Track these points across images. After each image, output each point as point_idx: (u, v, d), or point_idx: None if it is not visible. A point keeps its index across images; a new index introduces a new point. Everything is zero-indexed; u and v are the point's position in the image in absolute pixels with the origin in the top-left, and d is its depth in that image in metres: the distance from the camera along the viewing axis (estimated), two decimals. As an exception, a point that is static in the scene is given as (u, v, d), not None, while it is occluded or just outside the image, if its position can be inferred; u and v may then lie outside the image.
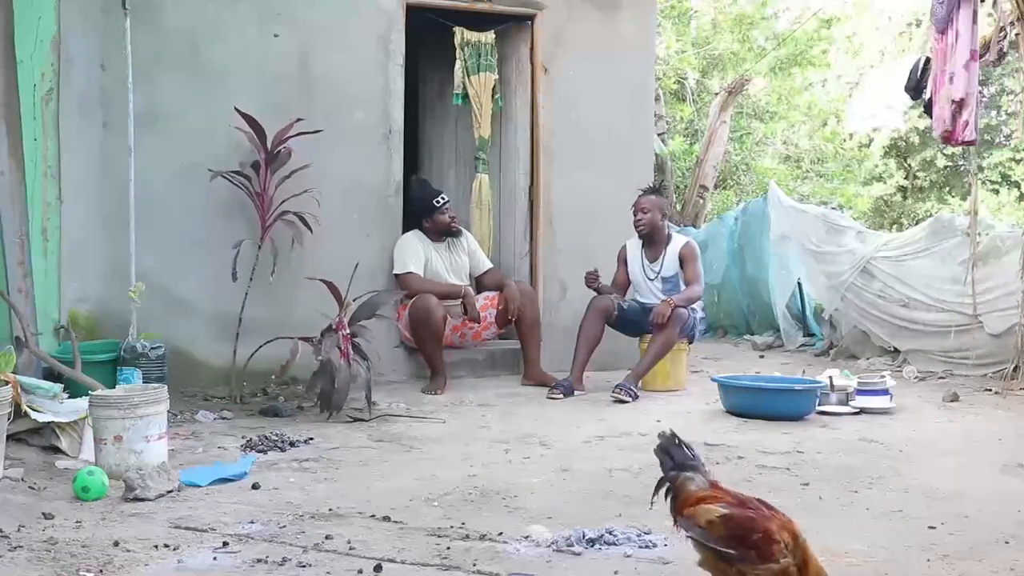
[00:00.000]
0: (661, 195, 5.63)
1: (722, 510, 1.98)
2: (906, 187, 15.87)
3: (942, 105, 5.56)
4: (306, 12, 5.46)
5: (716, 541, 1.94)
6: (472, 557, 2.46)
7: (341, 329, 4.49)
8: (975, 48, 5.47)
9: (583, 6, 6.17)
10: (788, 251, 7.93)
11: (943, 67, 5.54)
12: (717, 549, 1.94)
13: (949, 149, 14.80)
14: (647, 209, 5.50)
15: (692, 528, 2.00)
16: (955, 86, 5.46)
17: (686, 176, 13.64)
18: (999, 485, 3.33)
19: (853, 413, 4.68)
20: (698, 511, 2.01)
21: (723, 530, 1.94)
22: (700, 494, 2.05)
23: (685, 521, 2.03)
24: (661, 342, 5.23)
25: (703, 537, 1.97)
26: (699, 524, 1.98)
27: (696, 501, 2.04)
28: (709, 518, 1.97)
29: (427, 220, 5.57)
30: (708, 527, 1.96)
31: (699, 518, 1.99)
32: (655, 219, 5.50)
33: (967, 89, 5.45)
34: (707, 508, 2.00)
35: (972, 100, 5.47)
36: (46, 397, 3.61)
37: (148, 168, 4.94)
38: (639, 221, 5.52)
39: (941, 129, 5.61)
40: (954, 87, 5.46)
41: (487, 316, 5.61)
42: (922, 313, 6.35)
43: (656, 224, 5.51)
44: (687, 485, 2.08)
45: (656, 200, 5.53)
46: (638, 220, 5.53)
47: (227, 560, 2.43)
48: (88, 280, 5.00)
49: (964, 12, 5.44)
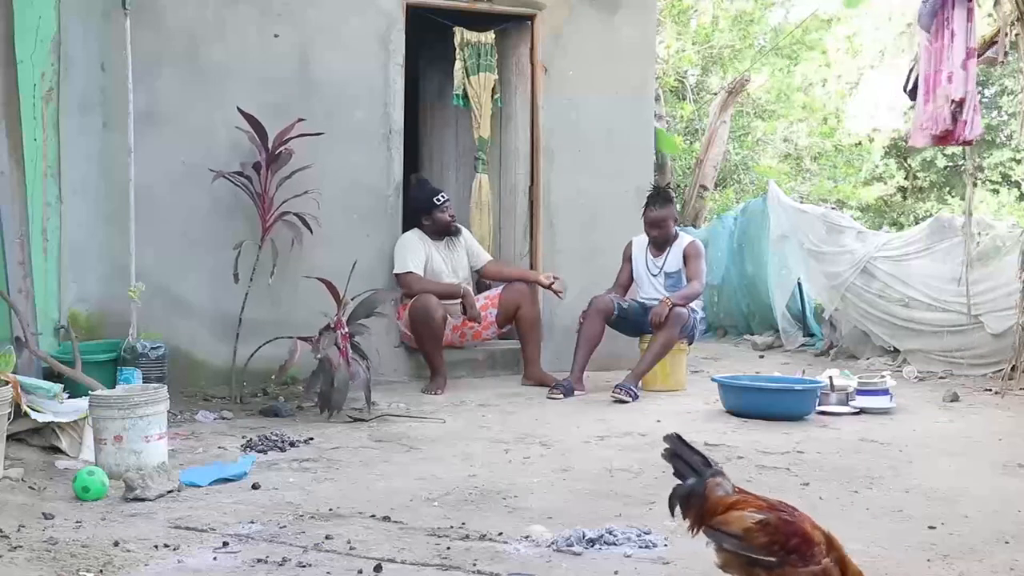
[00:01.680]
0: (670, 201, 5.58)
1: (758, 516, 1.92)
2: (906, 187, 15.87)
3: (939, 104, 5.55)
4: (306, 12, 5.46)
5: (755, 549, 1.88)
6: (472, 557, 2.46)
7: (339, 328, 4.49)
8: (972, 46, 5.46)
9: (583, 6, 6.17)
10: (787, 251, 7.93)
11: (938, 67, 5.53)
12: (754, 557, 1.88)
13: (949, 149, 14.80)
14: (663, 224, 5.48)
15: (724, 536, 1.93)
16: (954, 85, 5.45)
17: (686, 175, 13.64)
18: (999, 485, 3.33)
19: (853, 413, 4.69)
20: (730, 518, 1.94)
21: (762, 537, 1.89)
22: (729, 500, 1.98)
23: (713, 530, 1.96)
24: (661, 342, 5.23)
25: (738, 546, 1.90)
26: (733, 532, 1.92)
27: (726, 508, 1.97)
28: (745, 525, 1.91)
29: (427, 218, 5.57)
30: (745, 535, 1.90)
31: (733, 526, 1.92)
32: (669, 231, 5.51)
33: (966, 88, 5.45)
34: (740, 515, 1.94)
35: (971, 99, 5.47)
36: (46, 397, 3.61)
37: (148, 168, 4.94)
38: (655, 237, 5.52)
39: (940, 128, 5.59)
40: (953, 86, 5.45)
41: (487, 316, 5.61)
42: (922, 313, 6.35)
43: (670, 234, 5.52)
44: (715, 491, 2.01)
45: (669, 212, 5.51)
46: (654, 236, 5.52)
47: (227, 560, 2.43)
48: (88, 280, 5.00)
49: (959, 11, 5.43)
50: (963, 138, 5.58)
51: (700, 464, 2.06)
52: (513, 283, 5.63)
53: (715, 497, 2.00)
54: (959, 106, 5.47)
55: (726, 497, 2.00)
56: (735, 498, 2.00)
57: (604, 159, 6.20)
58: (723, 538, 1.94)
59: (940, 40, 5.53)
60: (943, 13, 5.49)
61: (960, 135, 5.55)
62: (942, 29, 5.51)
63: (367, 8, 5.61)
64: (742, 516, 1.94)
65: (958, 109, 5.48)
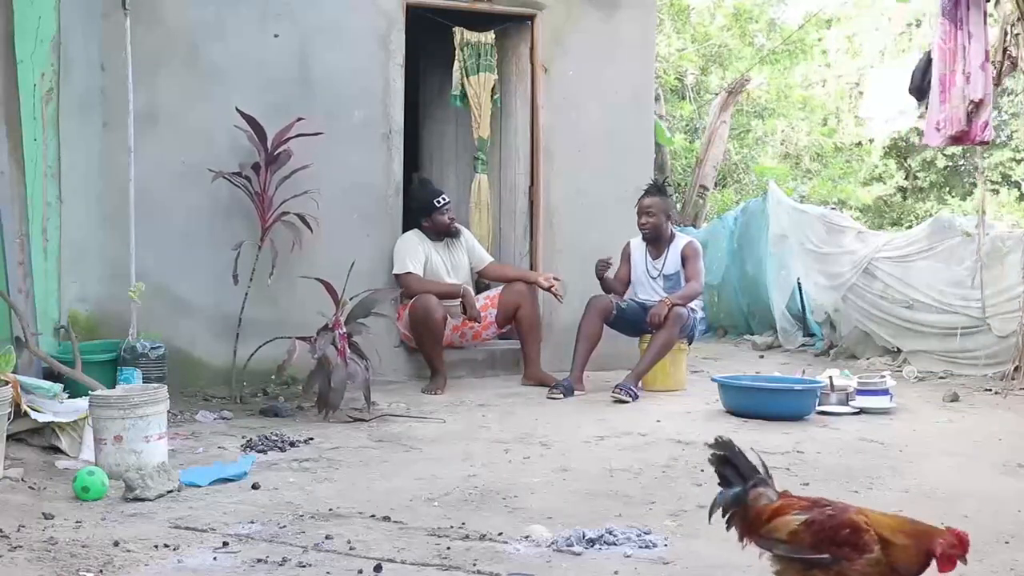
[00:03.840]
0: (665, 194, 5.60)
1: (802, 517, 1.90)
2: (906, 187, 15.88)
3: (955, 105, 5.51)
4: (306, 12, 5.45)
5: (805, 550, 1.86)
6: (472, 557, 2.46)
7: (337, 328, 4.49)
8: (988, 48, 5.46)
9: (583, 6, 6.17)
10: (787, 251, 7.92)
11: (953, 67, 5.51)
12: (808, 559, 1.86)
13: (949, 149, 14.80)
14: (652, 212, 5.49)
15: (774, 544, 1.91)
16: (973, 86, 5.43)
17: (686, 174, 13.65)
18: (999, 485, 3.33)
19: (853, 413, 4.68)
20: (776, 526, 1.92)
21: (809, 537, 1.87)
22: (772, 507, 1.96)
23: (763, 539, 1.94)
24: (661, 342, 5.23)
25: (789, 551, 1.88)
26: (781, 539, 1.90)
27: (771, 516, 1.95)
28: (790, 529, 1.89)
29: (426, 220, 5.57)
30: (792, 538, 1.89)
31: (779, 532, 1.91)
32: (660, 222, 5.50)
33: (985, 89, 5.43)
34: (784, 520, 1.92)
35: (989, 100, 5.47)
36: (46, 397, 3.61)
37: (148, 168, 4.93)
38: (644, 224, 5.52)
39: (956, 129, 5.56)
40: (972, 87, 5.43)
41: (487, 316, 5.61)
42: (925, 314, 6.35)
43: (660, 227, 5.51)
44: (758, 501, 1.98)
45: (660, 203, 5.51)
46: (643, 223, 5.52)
47: (227, 560, 2.43)
48: (88, 280, 5.00)
49: (975, 12, 5.42)
50: (979, 138, 5.56)
51: (750, 471, 2.04)
52: (513, 283, 5.62)
53: (758, 507, 1.98)
54: (977, 107, 5.46)
55: (769, 505, 1.97)
56: (778, 504, 1.97)
57: (604, 159, 6.19)
58: (773, 545, 1.92)
59: (954, 40, 5.51)
60: (957, 13, 5.48)
61: (976, 135, 5.53)
62: (955, 30, 5.50)
63: (367, 8, 5.61)
64: (787, 520, 1.92)
65: (975, 110, 5.46)
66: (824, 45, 16.42)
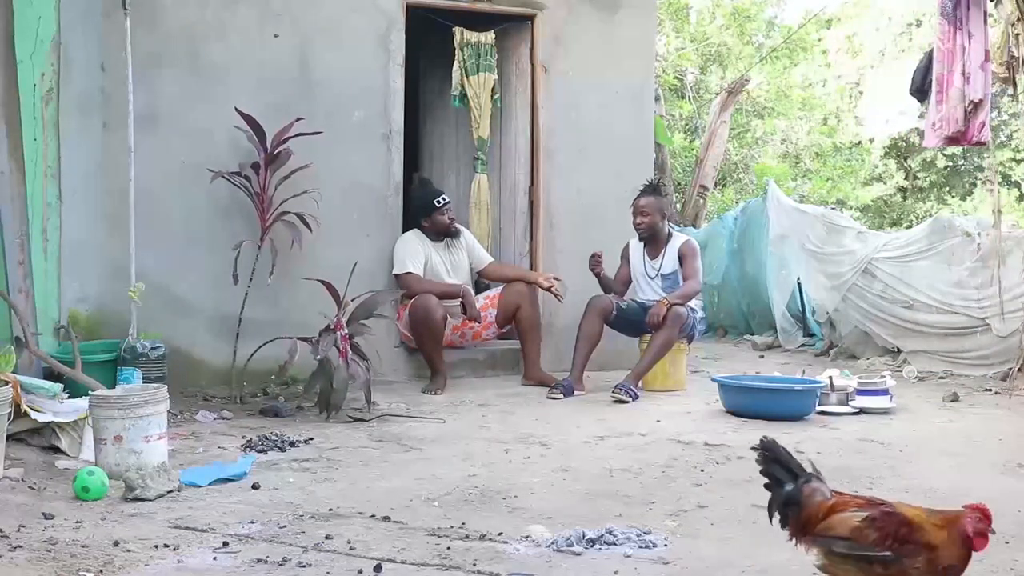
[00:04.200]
0: (660, 195, 5.62)
1: (862, 514, 1.90)
2: (906, 187, 15.88)
3: (954, 105, 5.51)
4: (306, 12, 5.45)
5: (867, 547, 1.86)
6: (472, 557, 2.46)
7: (339, 329, 4.49)
8: (988, 48, 5.45)
9: (583, 6, 6.17)
10: (787, 251, 7.92)
11: (951, 67, 5.51)
12: (870, 555, 1.86)
13: (949, 149, 14.80)
14: (647, 212, 5.50)
15: (832, 541, 1.90)
16: (972, 86, 5.42)
17: (686, 173, 13.65)
18: (999, 485, 3.33)
19: (853, 413, 4.68)
20: (835, 522, 1.92)
21: (872, 534, 1.87)
22: (829, 504, 1.96)
23: (820, 537, 1.93)
24: (660, 342, 5.23)
25: (850, 547, 1.88)
26: (843, 535, 1.90)
27: (827, 512, 1.94)
28: (852, 525, 1.89)
29: (426, 220, 5.56)
30: (854, 535, 1.88)
31: (839, 529, 1.90)
32: (655, 222, 5.51)
33: (984, 90, 5.43)
34: (844, 517, 1.91)
35: (988, 101, 5.46)
36: (46, 397, 3.61)
37: (148, 168, 4.93)
38: (639, 224, 5.54)
39: (952, 129, 5.56)
40: (971, 87, 5.42)
41: (487, 316, 5.61)
42: (926, 315, 6.34)
43: (655, 226, 5.52)
44: (813, 497, 1.97)
45: (655, 202, 5.53)
46: (638, 223, 5.54)
47: (227, 560, 2.43)
48: (88, 280, 5.00)
49: (975, 12, 5.42)
50: (976, 139, 5.56)
51: (799, 468, 2.03)
52: (513, 283, 5.62)
53: (814, 503, 1.96)
54: (976, 107, 5.45)
55: (825, 502, 1.97)
56: (834, 501, 1.97)
57: (604, 159, 6.19)
58: (832, 543, 1.91)
59: (953, 41, 5.50)
60: (956, 13, 5.47)
61: (973, 136, 5.53)
62: (954, 30, 5.49)
63: (367, 8, 5.61)
64: (847, 517, 1.91)
65: (973, 110, 5.46)
66: (824, 45, 16.42)
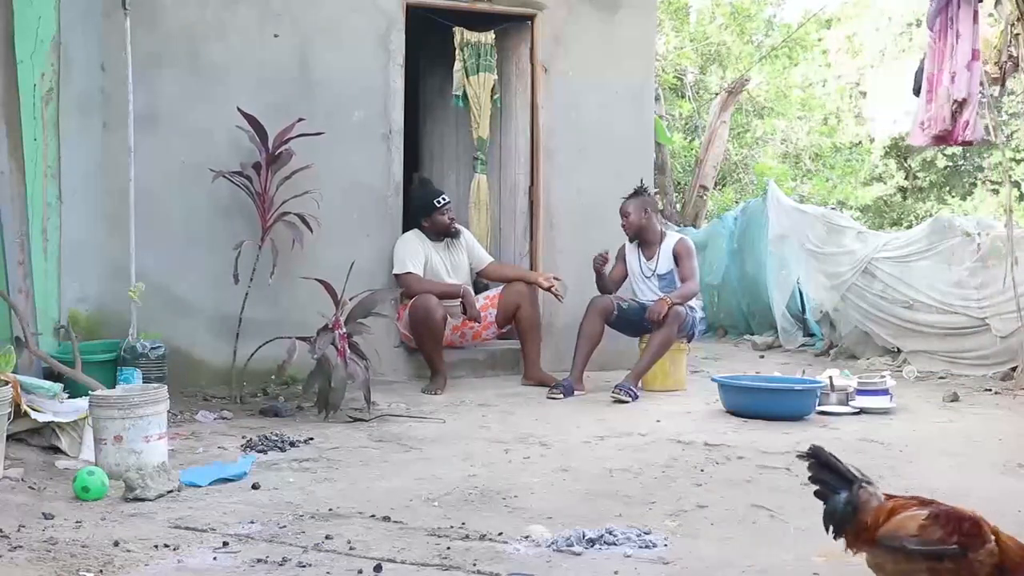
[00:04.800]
0: (643, 194, 5.60)
1: (924, 512, 1.92)
2: (906, 187, 15.88)
3: (940, 104, 5.54)
4: (306, 12, 5.45)
5: (936, 543, 1.88)
6: (472, 557, 2.46)
7: (337, 328, 4.49)
8: (977, 47, 5.45)
9: (583, 6, 6.17)
10: (787, 251, 7.92)
11: (940, 66, 5.52)
12: (940, 551, 1.87)
13: (949, 150, 14.81)
14: (628, 213, 5.54)
15: (902, 540, 1.91)
16: (956, 86, 5.44)
17: (686, 173, 13.65)
18: (999, 485, 3.33)
19: (853, 413, 4.68)
20: (899, 523, 1.93)
21: (939, 530, 1.89)
22: (888, 507, 1.97)
23: (885, 538, 1.94)
24: (659, 341, 5.23)
25: (918, 544, 1.89)
26: (911, 533, 1.91)
27: (889, 514, 1.96)
28: (918, 523, 1.91)
29: (426, 220, 5.56)
30: (922, 532, 1.90)
31: (906, 528, 1.92)
32: (638, 220, 5.53)
33: (969, 89, 5.44)
34: (907, 516, 1.93)
35: (974, 100, 5.46)
36: (46, 397, 3.61)
37: (148, 168, 4.93)
38: (624, 227, 5.59)
39: (939, 128, 5.58)
40: (956, 87, 5.44)
41: (487, 316, 5.61)
42: (926, 315, 6.34)
43: (640, 225, 5.53)
44: (871, 503, 1.99)
45: (636, 203, 5.53)
46: (622, 225, 5.59)
47: (227, 560, 2.43)
48: (88, 280, 5.00)
49: (964, 11, 5.42)
50: (961, 139, 5.57)
51: (850, 473, 2.04)
52: (513, 283, 5.62)
53: (872, 508, 1.98)
54: (960, 106, 5.46)
55: (883, 505, 1.98)
56: (892, 504, 1.98)
57: (604, 159, 6.19)
58: (900, 542, 1.92)
59: (944, 40, 5.51)
60: (947, 12, 5.48)
61: (959, 135, 5.55)
62: (946, 29, 5.50)
63: (367, 8, 5.61)
64: (910, 517, 1.93)
65: (959, 109, 5.47)
66: (824, 45, 16.41)
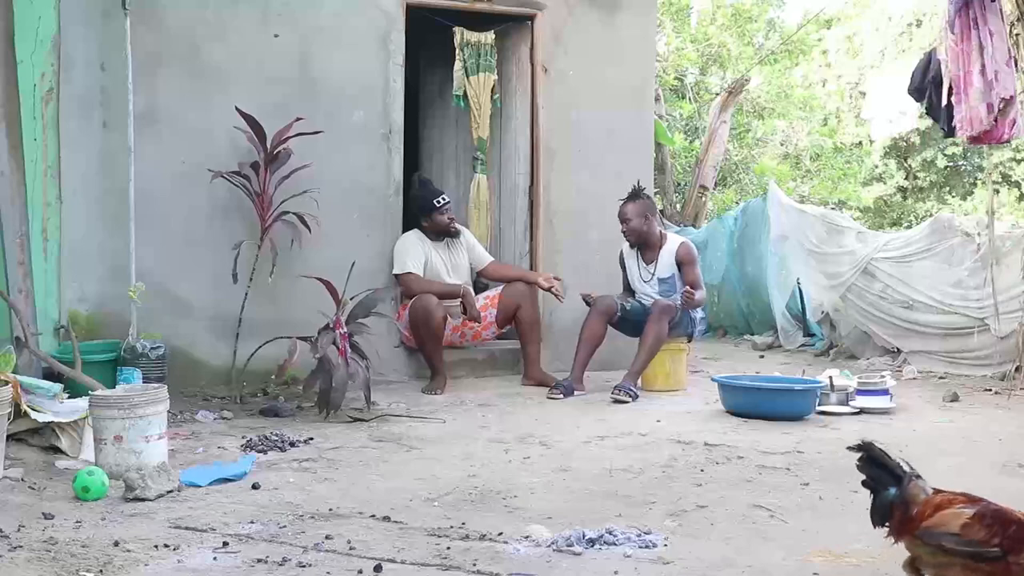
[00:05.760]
0: (642, 198, 5.53)
1: (969, 510, 1.92)
2: (906, 187, 15.89)
3: (973, 105, 5.44)
4: (306, 12, 5.45)
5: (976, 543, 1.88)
6: (472, 557, 2.46)
7: (338, 328, 4.49)
8: (1009, 45, 5.42)
9: (583, 6, 6.16)
10: (787, 251, 7.93)
11: (967, 67, 5.45)
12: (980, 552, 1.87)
13: (950, 149, 14.82)
14: (629, 218, 5.48)
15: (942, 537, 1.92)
16: (1002, 83, 5.34)
17: (686, 174, 13.65)
18: (999, 485, 3.33)
19: (853, 413, 4.68)
20: (943, 519, 1.93)
21: (981, 531, 1.89)
22: (935, 502, 1.98)
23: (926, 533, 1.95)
24: (652, 336, 5.20)
25: (958, 542, 1.90)
26: (953, 532, 1.91)
27: (935, 508, 1.96)
28: (961, 522, 1.90)
29: (426, 220, 5.56)
30: (964, 531, 1.89)
31: (950, 525, 1.92)
32: (639, 226, 5.47)
33: (1015, 86, 5.39)
34: (952, 513, 1.93)
35: (1016, 98, 5.42)
36: (46, 397, 3.61)
37: (148, 168, 4.94)
38: (624, 233, 5.53)
39: (977, 129, 5.49)
40: (1001, 85, 5.33)
41: (487, 316, 5.61)
42: (925, 315, 6.34)
43: (641, 230, 5.49)
44: (919, 496, 2.00)
45: (636, 207, 5.47)
46: (623, 231, 5.53)
47: (227, 560, 2.43)
48: (88, 280, 5.00)
49: (991, 10, 5.38)
50: (1007, 136, 5.51)
51: (899, 468, 2.06)
52: (513, 283, 5.62)
53: (920, 501, 1.98)
54: (1007, 103, 5.39)
55: (930, 499, 1.98)
56: (939, 498, 1.99)
57: (604, 159, 6.19)
58: (942, 538, 1.92)
59: (968, 41, 5.46)
60: (968, 13, 5.43)
61: (1004, 134, 5.46)
62: (968, 30, 5.45)
63: (367, 8, 5.61)
64: (955, 513, 1.93)
65: (1005, 107, 5.37)
66: (824, 45, 16.43)
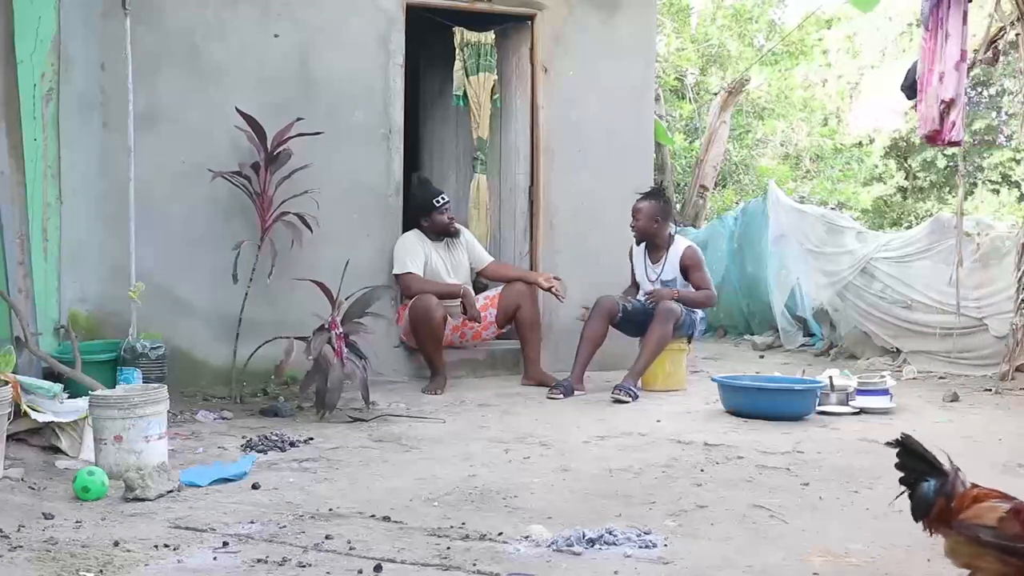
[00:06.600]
0: (659, 199, 5.54)
1: (1004, 505, 1.95)
2: (906, 187, 15.89)
3: (929, 104, 5.52)
4: (306, 12, 5.46)
5: (1011, 537, 1.90)
6: (472, 557, 2.46)
7: (334, 328, 4.49)
8: (965, 48, 5.44)
9: (583, 6, 6.17)
10: (787, 251, 7.93)
11: (931, 66, 5.51)
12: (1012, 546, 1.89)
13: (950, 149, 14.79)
14: (639, 216, 5.49)
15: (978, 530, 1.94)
16: (945, 86, 5.42)
17: (686, 174, 13.66)
18: (999, 485, 3.30)
19: (853, 413, 4.69)
20: (982, 511, 1.96)
21: (1018, 527, 1.91)
22: (972, 494, 2.01)
23: (962, 526, 1.97)
24: (655, 338, 5.21)
25: (993, 535, 1.92)
26: (988, 524, 1.93)
27: (972, 501, 1.99)
28: (997, 515, 1.93)
29: (426, 220, 5.56)
30: (1000, 525, 1.92)
31: (986, 518, 1.94)
32: (647, 227, 5.48)
33: (956, 90, 5.42)
34: (988, 506, 1.96)
35: (960, 101, 5.44)
36: (46, 397, 3.61)
37: (148, 168, 4.94)
38: (631, 226, 5.55)
39: (928, 128, 5.58)
40: (944, 87, 5.42)
41: (487, 316, 5.61)
42: (924, 315, 6.34)
43: (648, 231, 5.49)
44: (959, 487, 2.03)
45: (650, 208, 5.47)
46: (631, 225, 5.55)
47: (227, 560, 2.43)
48: (88, 280, 5.00)
49: (954, 11, 5.42)
50: (948, 139, 5.56)
51: (938, 461, 2.08)
52: (513, 283, 5.62)
53: (959, 493, 2.01)
54: (947, 107, 5.44)
55: (968, 492, 2.01)
56: (976, 491, 2.02)
57: (604, 159, 6.19)
58: (978, 531, 1.95)
59: (935, 40, 5.51)
60: (938, 13, 5.48)
61: (946, 136, 5.53)
62: (936, 29, 5.50)
63: (367, 8, 5.61)
64: (991, 507, 1.95)
65: (946, 110, 5.45)
66: (824, 45, 16.43)
